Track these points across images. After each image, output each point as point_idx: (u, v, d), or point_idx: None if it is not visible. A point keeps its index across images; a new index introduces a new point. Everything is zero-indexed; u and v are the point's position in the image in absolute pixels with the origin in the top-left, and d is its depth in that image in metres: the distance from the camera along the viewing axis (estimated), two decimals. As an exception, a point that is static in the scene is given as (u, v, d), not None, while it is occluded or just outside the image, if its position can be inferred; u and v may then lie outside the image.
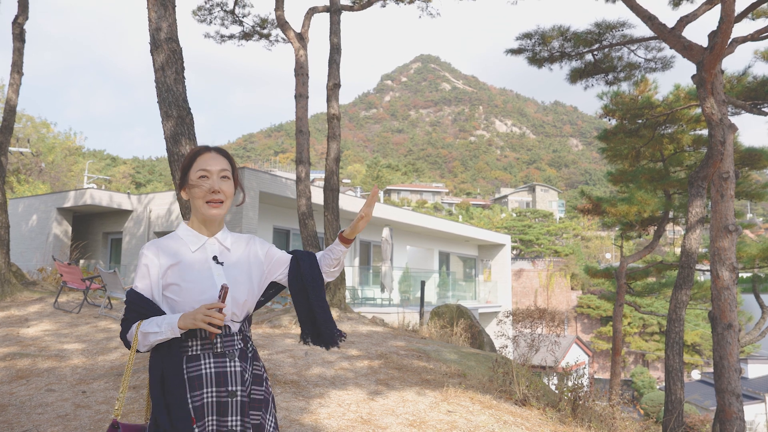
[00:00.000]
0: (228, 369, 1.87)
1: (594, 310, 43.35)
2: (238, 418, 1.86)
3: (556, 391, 6.30)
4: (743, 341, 12.02)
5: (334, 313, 9.21)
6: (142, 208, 18.53)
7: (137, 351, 1.88)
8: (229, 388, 1.85)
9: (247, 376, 1.91)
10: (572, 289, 46.37)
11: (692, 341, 39.55)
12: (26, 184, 32.77)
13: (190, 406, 1.82)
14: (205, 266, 1.94)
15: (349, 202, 18.72)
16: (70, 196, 18.54)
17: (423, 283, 13.41)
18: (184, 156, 5.85)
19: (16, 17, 11.24)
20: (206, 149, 2.02)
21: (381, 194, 52.97)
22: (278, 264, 2.11)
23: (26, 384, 5.40)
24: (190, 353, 1.86)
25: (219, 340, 1.89)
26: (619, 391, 7.54)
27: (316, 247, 10.41)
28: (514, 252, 53.57)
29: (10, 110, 11.00)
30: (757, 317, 15.25)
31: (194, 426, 1.80)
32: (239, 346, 1.93)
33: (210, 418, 1.84)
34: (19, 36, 11.22)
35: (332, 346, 2.13)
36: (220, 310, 1.79)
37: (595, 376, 36.27)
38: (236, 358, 1.90)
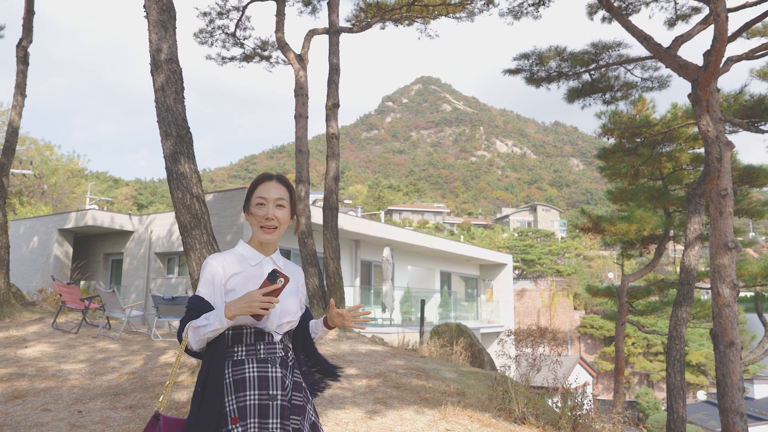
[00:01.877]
0: (270, 374, 2.00)
1: (597, 330, 43.07)
2: (278, 421, 1.97)
3: (557, 410, 6.24)
4: (747, 360, 11.92)
5: (333, 332, 9.18)
6: (143, 229, 18.56)
7: (194, 350, 2.02)
8: (270, 392, 1.98)
9: (287, 382, 2.04)
10: (575, 309, 46.12)
11: (697, 361, 39.17)
12: (29, 206, 32.89)
13: (233, 407, 1.94)
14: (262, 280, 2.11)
15: (350, 222, 18.74)
16: (71, 218, 18.58)
17: (423, 302, 13.36)
18: (182, 174, 5.90)
19: (20, 40, 11.39)
20: (268, 177, 2.19)
21: (382, 214, 52.95)
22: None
23: (22, 404, 5.37)
24: (235, 358, 2.00)
25: (262, 346, 2.03)
26: (620, 410, 7.47)
27: (314, 266, 10.40)
28: (516, 272, 53.42)
29: (13, 132, 11.10)
30: (761, 336, 15.13)
31: (236, 425, 1.93)
32: (280, 354, 2.07)
33: (252, 420, 1.94)
34: (23, 59, 11.36)
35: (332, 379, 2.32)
36: (275, 294, 1.91)
37: (600, 397, 35.88)
38: (277, 365, 2.03)
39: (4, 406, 5.29)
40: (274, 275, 1.92)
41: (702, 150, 14.07)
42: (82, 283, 18.64)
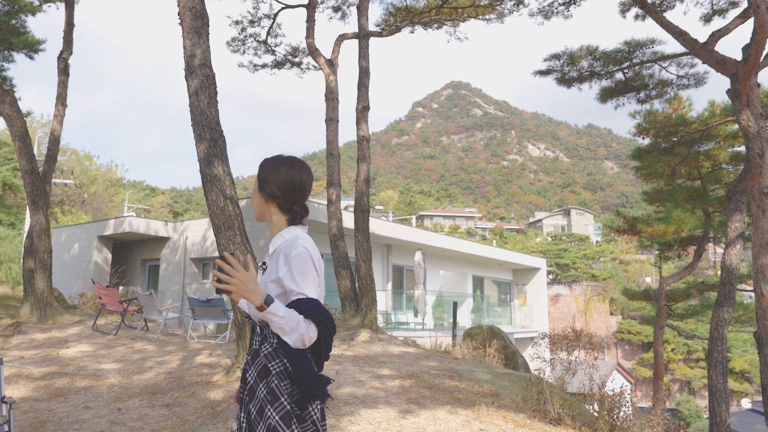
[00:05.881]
0: (244, 365, 2.10)
1: (635, 335, 42.08)
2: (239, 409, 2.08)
3: (594, 413, 6.11)
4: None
5: (366, 335, 9.18)
6: (177, 236, 18.93)
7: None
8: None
9: (247, 376, 2.04)
10: (611, 314, 45.17)
11: (741, 368, 37.90)
12: (69, 214, 33.90)
13: None
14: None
15: (382, 226, 18.77)
16: (110, 225, 19.07)
17: (455, 304, 13.28)
18: (216, 177, 5.99)
19: (61, 52, 11.79)
20: None
21: (413, 220, 52.93)
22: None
23: (64, 401, 5.52)
24: None
25: (251, 337, 2.13)
26: (659, 412, 7.27)
27: (346, 269, 10.43)
28: (550, 276, 52.65)
29: (54, 140, 11.47)
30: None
31: None
32: (255, 347, 2.08)
33: None
34: (63, 70, 11.75)
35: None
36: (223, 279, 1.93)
37: (638, 405, 35.01)
38: (249, 357, 2.08)
39: (48, 403, 5.45)
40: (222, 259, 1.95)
41: (742, 148, 13.67)
42: (120, 288, 19.09)
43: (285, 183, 2.11)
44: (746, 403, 31.11)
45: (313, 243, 2.09)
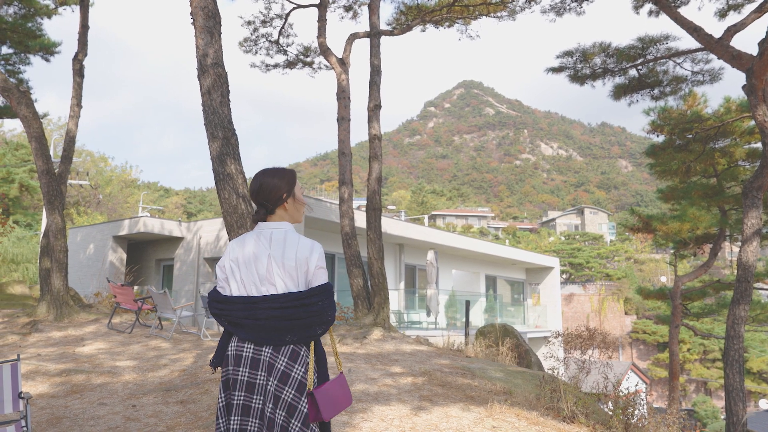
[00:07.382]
0: None
1: (650, 335, 41.71)
2: None
3: (608, 412, 6.06)
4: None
5: (378, 333, 9.18)
6: (191, 236, 19.06)
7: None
8: None
9: None
10: (626, 314, 44.81)
11: (758, 368, 37.41)
12: (85, 215, 34.26)
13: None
14: None
15: (394, 225, 18.77)
16: (124, 225, 19.25)
17: (468, 303, 13.24)
18: (229, 175, 6.03)
19: (76, 54, 11.92)
20: None
21: (426, 219, 52.84)
22: None
23: (80, 398, 5.58)
24: None
25: None
26: (675, 411, 7.19)
27: (359, 267, 10.44)
28: (564, 276, 52.33)
29: (70, 141, 11.59)
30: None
31: None
32: None
33: None
34: (78, 71, 11.87)
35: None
36: None
37: (654, 405, 34.67)
38: None
39: (64, 400, 5.51)
40: None
41: (759, 144, 13.50)
42: (135, 288, 19.25)
43: (250, 190, 2.52)
44: (764, 404, 30.70)
45: (244, 237, 2.39)
